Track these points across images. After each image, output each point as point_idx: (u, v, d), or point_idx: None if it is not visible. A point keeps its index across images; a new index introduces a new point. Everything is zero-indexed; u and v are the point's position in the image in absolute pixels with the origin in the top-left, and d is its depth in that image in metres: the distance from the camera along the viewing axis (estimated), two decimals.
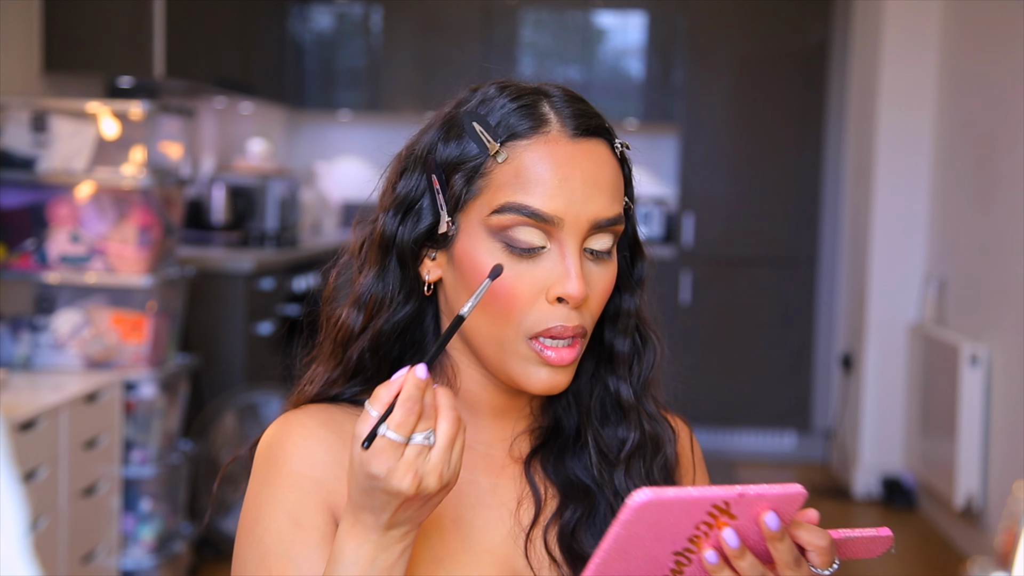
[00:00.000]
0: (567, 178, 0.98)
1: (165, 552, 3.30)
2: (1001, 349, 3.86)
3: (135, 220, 3.25)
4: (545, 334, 0.98)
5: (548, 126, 1.00)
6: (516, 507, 1.05)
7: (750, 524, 0.87)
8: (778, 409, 5.51)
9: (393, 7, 5.79)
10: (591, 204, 0.98)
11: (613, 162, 1.02)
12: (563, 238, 0.98)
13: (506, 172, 0.99)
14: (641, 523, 0.85)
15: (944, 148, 4.51)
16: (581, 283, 0.97)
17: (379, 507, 0.88)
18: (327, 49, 5.89)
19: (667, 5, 5.65)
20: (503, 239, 0.98)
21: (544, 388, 1.00)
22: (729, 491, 0.85)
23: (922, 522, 4.44)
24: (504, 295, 0.98)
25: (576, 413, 1.08)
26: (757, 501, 0.86)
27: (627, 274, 1.08)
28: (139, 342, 3.25)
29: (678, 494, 0.84)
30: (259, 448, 1.04)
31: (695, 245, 5.51)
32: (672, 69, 5.69)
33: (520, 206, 0.97)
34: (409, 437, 0.86)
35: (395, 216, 1.04)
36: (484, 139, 0.99)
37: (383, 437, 0.86)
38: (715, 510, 0.86)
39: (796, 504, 0.87)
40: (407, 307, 1.05)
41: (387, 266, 1.04)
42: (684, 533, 0.87)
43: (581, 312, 0.99)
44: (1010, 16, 3.87)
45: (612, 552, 0.86)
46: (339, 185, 6.05)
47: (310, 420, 1.03)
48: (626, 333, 1.08)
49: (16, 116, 3.22)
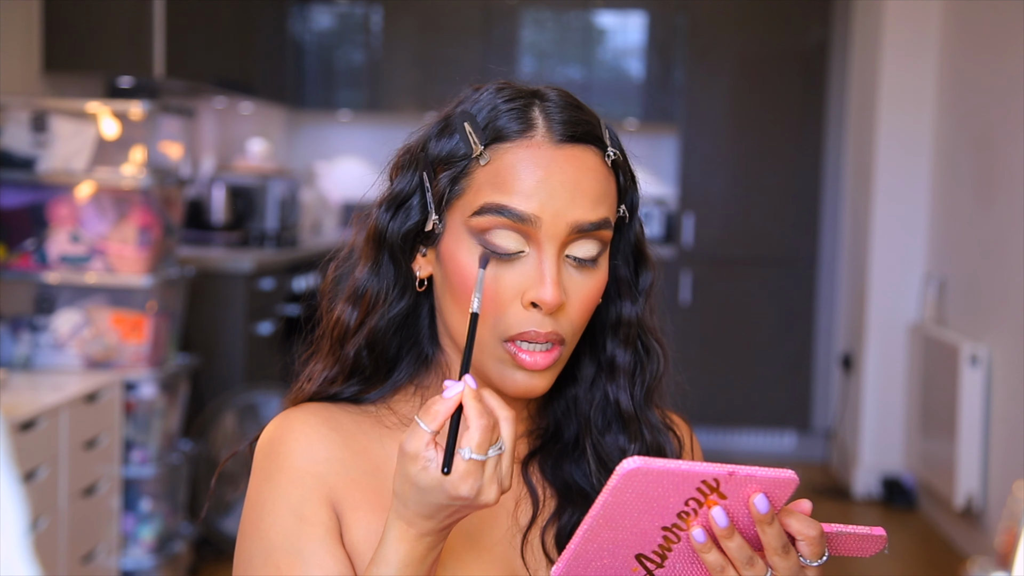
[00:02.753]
0: (546, 180, 0.98)
1: (165, 552, 3.30)
2: (1001, 349, 3.86)
3: (135, 220, 3.25)
4: (519, 338, 0.98)
5: (534, 131, 1.00)
6: (514, 507, 1.05)
7: (740, 507, 0.88)
8: (778, 409, 5.51)
9: (393, 7, 5.79)
10: (571, 207, 0.98)
11: (601, 169, 1.01)
12: (542, 242, 0.98)
13: (487, 173, 0.99)
14: (629, 491, 0.85)
15: (944, 148, 4.51)
16: (555, 289, 0.97)
17: (448, 516, 0.89)
18: (327, 49, 5.89)
19: (667, 5, 5.65)
20: (482, 242, 0.98)
21: (521, 391, 1.00)
22: (720, 469, 0.85)
23: (922, 522, 4.44)
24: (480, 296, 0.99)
25: (576, 421, 1.08)
26: (747, 482, 0.86)
27: (630, 283, 1.08)
28: (139, 342, 3.25)
29: (667, 465, 0.84)
30: (259, 445, 1.04)
31: (695, 245, 5.51)
32: (672, 69, 5.69)
33: (498, 207, 0.97)
34: (487, 452, 0.87)
35: (387, 211, 1.05)
36: (471, 140, 1.00)
37: (469, 460, 0.86)
38: (704, 487, 0.86)
39: (787, 490, 0.87)
40: (402, 303, 1.05)
41: (381, 261, 1.05)
42: (673, 508, 0.87)
43: (557, 319, 0.99)
44: (1010, 16, 3.87)
45: (601, 520, 0.86)
46: (339, 185, 6.05)
47: (311, 417, 1.03)
48: (627, 343, 1.07)
49: (16, 116, 3.22)
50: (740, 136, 5.50)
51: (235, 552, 1.03)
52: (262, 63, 5.17)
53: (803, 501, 0.91)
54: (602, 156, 1.01)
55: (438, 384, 1.07)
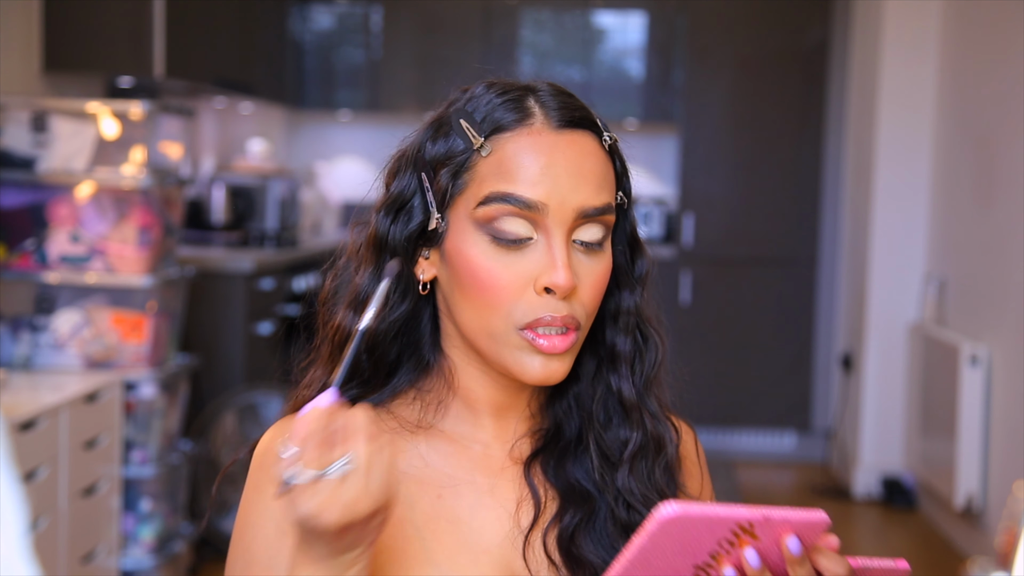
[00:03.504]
0: (550, 166, 0.98)
1: (165, 552, 3.30)
2: (1001, 349, 3.86)
3: (135, 220, 3.25)
4: (535, 324, 0.98)
5: (532, 118, 1.00)
6: (515, 508, 1.04)
7: (771, 546, 0.89)
8: (778, 409, 5.51)
9: (393, 7, 5.79)
10: (576, 192, 0.98)
11: (600, 153, 1.02)
12: (549, 228, 0.98)
13: (490, 164, 0.99)
14: (666, 536, 0.86)
15: (944, 148, 4.51)
16: (568, 273, 0.97)
17: (322, 540, 0.86)
18: (327, 49, 5.89)
19: (667, 5, 5.65)
20: (489, 231, 0.98)
21: (540, 378, 1.00)
22: (754, 512, 0.86)
23: (922, 522, 4.44)
24: (491, 287, 0.98)
25: (578, 417, 1.07)
26: (781, 524, 0.87)
27: (627, 271, 1.08)
28: (139, 342, 3.25)
29: (704, 511, 0.85)
30: (255, 454, 1.04)
31: (695, 245, 5.51)
32: (672, 69, 5.69)
33: (504, 195, 0.98)
34: (325, 469, 0.83)
35: (387, 216, 1.05)
36: (469, 134, 1.00)
37: (309, 476, 0.83)
38: (739, 529, 0.87)
39: (819, 530, 0.88)
40: (403, 307, 1.05)
41: (382, 266, 1.05)
42: (706, 549, 0.88)
43: (571, 303, 0.99)
44: (1010, 16, 3.87)
45: (634, 561, 0.87)
46: (339, 185, 6.05)
47: None
48: (627, 331, 1.07)
49: (16, 116, 3.22)
50: (740, 136, 5.50)
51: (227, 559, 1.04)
52: (262, 63, 5.17)
53: (831, 537, 0.91)
54: (599, 141, 1.02)
55: (439, 389, 1.06)
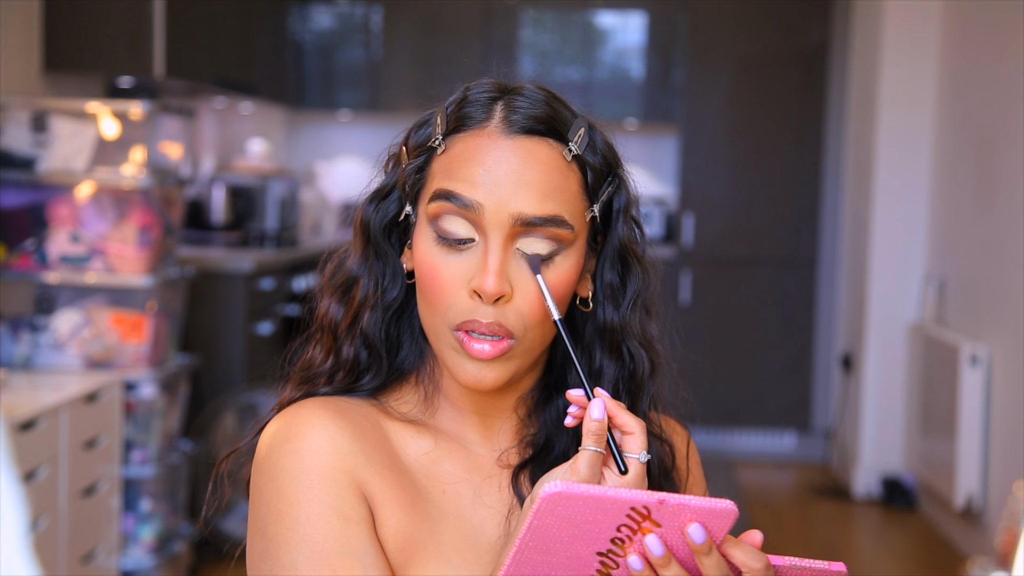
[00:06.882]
0: (491, 169, 0.98)
1: (165, 552, 3.30)
2: (1001, 349, 3.86)
3: (135, 220, 3.25)
4: (464, 326, 0.98)
5: (488, 122, 1.00)
6: (507, 513, 1.04)
7: (677, 535, 0.86)
8: (778, 409, 5.51)
9: (393, 7, 5.79)
10: (516, 198, 0.97)
11: (556, 164, 0.99)
12: (488, 231, 0.98)
13: (443, 162, 1.01)
14: (552, 515, 0.84)
15: (944, 148, 4.51)
16: (496, 279, 0.96)
17: None
18: (327, 49, 5.89)
19: (667, 5, 5.65)
20: (435, 228, 1.00)
21: (471, 382, 0.99)
22: (649, 496, 0.84)
23: (922, 522, 4.44)
24: (432, 284, 0.99)
25: (567, 431, 1.05)
26: (681, 511, 0.85)
27: (616, 289, 1.06)
28: (139, 342, 3.25)
29: (590, 490, 0.83)
30: (272, 444, 1.01)
31: (695, 245, 5.51)
32: (672, 69, 5.69)
33: (446, 193, 0.99)
34: None
35: (371, 204, 1.07)
36: (436, 130, 1.02)
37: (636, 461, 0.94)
38: (635, 514, 0.85)
39: (726, 521, 0.86)
40: (392, 294, 1.06)
41: (368, 253, 1.06)
42: (605, 534, 0.86)
43: (502, 310, 0.97)
44: (1010, 16, 3.87)
45: (529, 543, 0.86)
46: (339, 185, 6.05)
47: (322, 410, 1.01)
48: (609, 349, 1.05)
49: (16, 116, 3.22)
50: (740, 136, 5.50)
51: (256, 560, 0.99)
52: (262, 63, 5.17)
53: (754, 532, 0.90)
54: (561, 151, 1.00)
55: (427, 385, 1.07)
